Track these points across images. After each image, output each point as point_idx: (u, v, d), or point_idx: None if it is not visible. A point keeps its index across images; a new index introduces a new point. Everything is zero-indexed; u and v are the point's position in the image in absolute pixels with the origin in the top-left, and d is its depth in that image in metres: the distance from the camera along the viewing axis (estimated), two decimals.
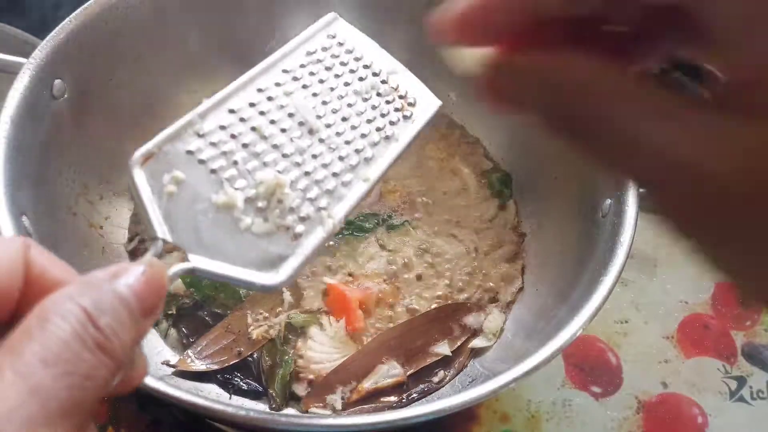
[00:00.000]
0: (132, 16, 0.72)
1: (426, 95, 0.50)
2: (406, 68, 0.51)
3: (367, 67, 0.48)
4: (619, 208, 0.60)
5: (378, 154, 0.46)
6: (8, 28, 0.89)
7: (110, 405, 0.70)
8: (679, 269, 0.86)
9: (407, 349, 0.67)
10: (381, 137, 0.47)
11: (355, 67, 0.48)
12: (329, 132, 0.45)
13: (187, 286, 0.69)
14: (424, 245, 0.75)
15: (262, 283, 0.40)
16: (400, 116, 0.48)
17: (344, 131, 0.45)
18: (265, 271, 0.40)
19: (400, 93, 0.49)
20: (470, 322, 0.70)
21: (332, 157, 0.44)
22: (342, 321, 0.68)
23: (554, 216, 0.74)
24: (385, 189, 0.79)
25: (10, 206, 0.55)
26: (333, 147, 0.45)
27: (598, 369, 0.77)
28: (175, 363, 0.64)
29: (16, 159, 0.58)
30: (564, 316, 0.56)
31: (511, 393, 0.74)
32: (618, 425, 0.73)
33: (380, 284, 0.71)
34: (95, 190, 0.72)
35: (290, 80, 0.46)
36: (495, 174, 0.82)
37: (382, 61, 0.49)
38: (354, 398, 0.64)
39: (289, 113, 0.44)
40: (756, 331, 0.81)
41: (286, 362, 0.65)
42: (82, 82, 0.67)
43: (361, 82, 0.48)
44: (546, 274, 0.72)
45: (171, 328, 0.68)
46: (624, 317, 0.81)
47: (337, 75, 0.47)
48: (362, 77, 0.48)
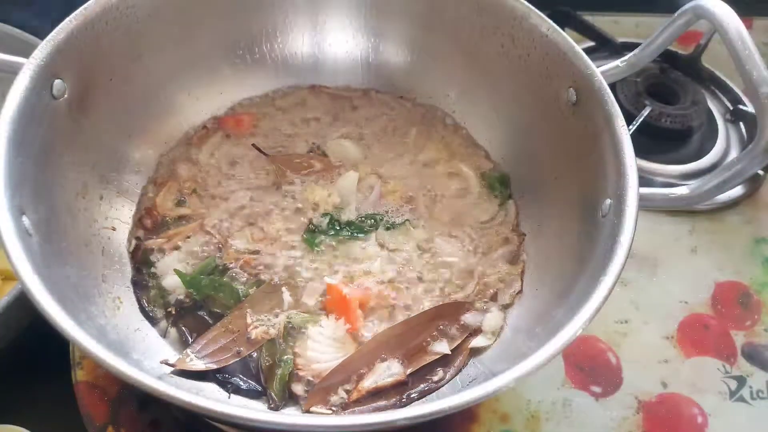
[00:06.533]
0: (132, 16, 0.72)
1: None
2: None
3: None
4: (619, 208, 0.59)
5: None
6: (8, 28, 0.89)
7: (110, 405, 0.70)
8: (679, 269, 0.86)
9: (407, 348, 0.67)
10: None
11: None
12: None
13: (187, 286, 0.70)
14: (423, 245, 0.75)
15: None
16: None
17: None
18: None
19: None
20: (469, 321, 0.70)
21: None
22: (341, 321, 0.68)
23: (554, 216, 0.74)
24: (385, 189, 0.80)
25: (10, 206, 0.55)
26: None
27: (598, 369, 0.77)
28: (174, 362, 0.64)
29: (16, 159, 0.58)
30: (564, 316, 0.56)
31: (511, 393, 0.74)
32: (618, 425, 0.73)
33: (380, 284, 0.71)
34: (95, 190, 0.72)
35: None
36: (495, 174, 0.82)
37: None
38: (354, 397, 0.64)
39: None
40: (756, 331, 0.81)
41: (285, 362, 0.65)
42: (82, 82, 0.68)
43: None
44: (546, 274, 0.72)
45: (170, 328, 0.68)
46: (624, 317, 0.81)
47: None
48: None
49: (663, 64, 1.06)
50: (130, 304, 0.69)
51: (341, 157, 0.82)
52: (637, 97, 1.00)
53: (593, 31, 1.12)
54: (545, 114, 0.74)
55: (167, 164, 0.80)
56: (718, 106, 1.06)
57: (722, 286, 0.85)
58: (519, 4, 0.74)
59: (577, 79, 0.69)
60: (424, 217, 0.78)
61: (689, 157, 0.98)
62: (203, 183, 0.79)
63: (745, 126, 1.04)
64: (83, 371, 0.72)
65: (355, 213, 0.77)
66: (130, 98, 0.75)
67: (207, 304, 0.69)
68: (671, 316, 0.82)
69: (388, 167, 0.82)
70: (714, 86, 1.09)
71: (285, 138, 0.84)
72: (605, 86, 0.66)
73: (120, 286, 0.70)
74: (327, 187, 0.79)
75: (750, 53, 0.63)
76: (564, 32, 0.71)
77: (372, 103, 0.89)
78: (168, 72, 0.79)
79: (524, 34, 0.75)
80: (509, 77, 0.78)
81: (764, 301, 0.84)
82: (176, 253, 0.73)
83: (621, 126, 0.63)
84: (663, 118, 0.98)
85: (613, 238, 0.57)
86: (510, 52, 0.77)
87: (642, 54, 0.77)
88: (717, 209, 0.92)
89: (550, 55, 0.72)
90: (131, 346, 0.64)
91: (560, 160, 0.73)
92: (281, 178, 0.79)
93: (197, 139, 0.83)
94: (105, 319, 0.64)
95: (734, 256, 0.88)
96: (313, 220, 0.76)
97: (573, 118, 0.70)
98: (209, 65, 0.84)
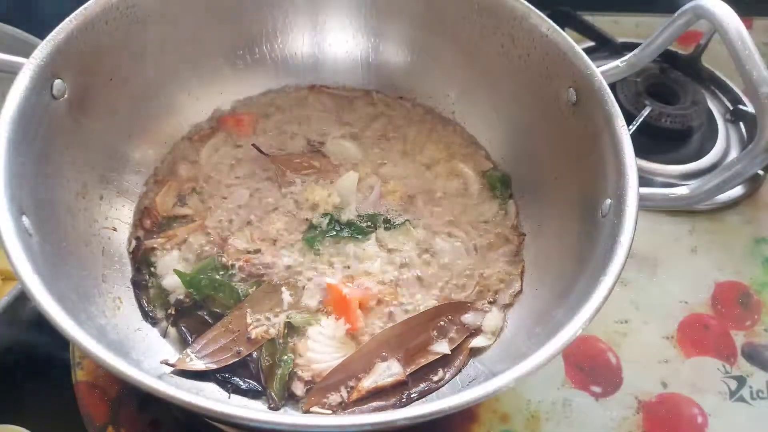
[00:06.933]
0: (132, 16, 0.72)
1: None
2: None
3: None
4: (619, 208, 0.59)
5: None
6: (8, 28, 0.89)
7: (110, 405, 0.70)
8: (679, 269, 0.86)
9: (407, 348, 0.67)
10: None
11: None
12: None
13: (187, 286, 0.70)
14: (423, 245, 0.75)
15: None
16: None
17: None
18: None
19: None
20: (469, 321, 0.70)
21: None
22: (341, 321, 0.68)
23: (554, 216, 0.74)
24: (385, 189, 0.80)
25: (10, 206, 0.55)
26: None
27: (598, 369, 0.77)
28: (174, 362, 0.64)
29: (16, 159, 0.58)
30: (564, 316, 0.56)
31: (511, 393, 0.74)
32: (618, 425, 0.73)
33: (380, 284, 0.71)
34: (95, 190, 0.72)
35: None
36: (497, 174, 0.82)
37: None
38: (354, 397, 0.64)
39: None
40: (756, 331, 0.81)
41: (285, 362, 0.65)
42: (82, 82, 0.68)
43: None
44: (546, 274, 0.72)
45: (170, 327, 0.68)
46: (624, 317, 0.81)
47: None
48: None
49: (663, 64, 1.06)
50: (130, 304, 0.69)
51: (341, 157, 0.82)
52: (637, 97, 1.00)
53: (593, 31, 1.12)
54: (545, 114, 0.74)
55: (167, 164, 0.80)
56: (718, 106, 1.06)
57: (722, 286, 0.85)
58: (519, 4, 0.74)
59: (577, 79, 0.69)
60: (424, 217, 0.78)
61: (689, 157, 0.98)
62: (203, 183, 0.79)
63: (745, 126, 1.04)
64: (83, 371, 0.72)
65: (355, 213, 0.77)
66: (130, 98, 0.75)
67: (207, 304, 0.69)
68: (671, 316, 0.82)
69: (388, 167, 0.82)
70: (714, 86, 1.09)
71: (285, 138, 0.84)
72: (605, 86, 0.66)
73: (120, 286, 0.70)
74: (327, 187, 0.79)
75: (750, 53, 0.63)
76: (564, 32, 0.71)
77: (372, 103, 0.89)
78: (168, 72, 0.79)
79: (524, 34, 0.75)
80: (509, 77, 0.78)
81: (764, 301, 0.84)
82: (176, 253, 0.73)
83: (621, 126, 0.63)
84: (663, 118, 0.98)
85: (613, 238, 0.57)
86: (510, 52, 0.77)
87: (642, 54, 0.77)
88: (717, 209, 0.92)
89: (550, 55, 0.72)
90: (131, 346, 0.64)
91: (560, 160, 0.73)
92: (281, 178, 0.79)
93: (197, 139, 0.83)
94: (105, 319, 0.64)
95: (734, 256, 0.88)
96: (313, 220, 0.76)
97: (573, 118, 0.70)
98: (209, 65, 0.84)
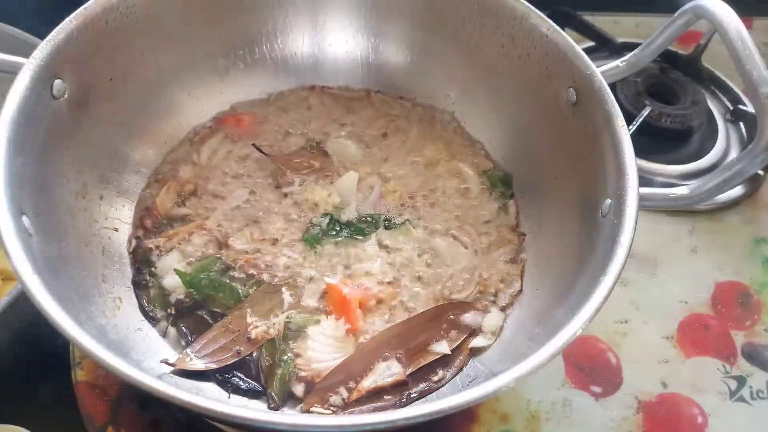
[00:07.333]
0: (132, 16, 0.72)
1: None
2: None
3: None
4: (619, 208, 0.59)
5: None
6: (8, 28, 0.89)
7: (110, 405, 0.70)
8: (679, 269, 0.86)
9: (407, 348, 0.67)
10: None
11: None
12: None
13: (187, 286, 0.70)
14: (423, 245, 0.75)
15: None
16: None
17: None
18: None
19: None
20: (469, 321, 0.70)
21: None
22: (341, 321, 0.68)
23: (554, 216, 0.74)
24: (385, 189, 0.80)
25: (10, 206, 0.55)
26: None
27: (598, 369, 0.77)
28: (174, 362, 0.64)
29: (16, 159, 0.58)
30: (564, 316, 0.56)
31: (511, 393, 0.74)
32: (618, 425, 0.73)
33: (380, 284, 0.71)
34: (95, 190, 0.72)
35: None
36: (498, 174, 0.82)
37: None
38: (354, 397, 0.64)
39: None
40: (756, 331, 0.81)
41: (285, 362, 0.65)
42: (82, 82, 0.68)
43: None
44: (546, 274, 0.72)
45: (170, 327, 0.68)
46: (624, 317, 0.81)
47: None
48: None
49: (663, 64, 1.06)
50: (130, 304, 0.69)
51: (341, 157, 0.82)
52: (637, 97, 1.00)
53: (593, 31, 1.12)
54: (545, 114, 0.74)
55: (167, 164, 0.80)
56: (718, 106, 1.06)
57: (722, 286, 0.85)
58: (519, 4, 0.74)
59: (577, 79, 0.69)
60: (424, 217, 0.78)
61: (689, 157, 0.98)
62: (203, 183, 0.79)
63: (745, 126, 1.04)
64: (83, 371, 0.72)
65: (355, 213, 0.77)
66: (130, 98, 0.75)
67: (207, 304, 0.69)
68: (671, 316, 0.82)
69: (388, 167, 0.82)
70: (714, 86, 1.09)
71: (285, 138, 0.84)
72: (605, 86, 0.66)
73: (120, 286, 0.70)
74: (327, 187, 0.79)
75: (750, 53, 0.63)
76: (564, 32, 0.71)
77: (372, 103, 0.89)
78: (168, 72, 0.79)
79: (524, 34, 0.75)
80: (509, 77, 0.78)
81: (764, 301, 0.84)
82: (176, 253, 0.73)
83: (621, 126, 0.63)
84: (663, 118, 0.98)
85: (613, 238, 0.57)
86: (510, 52, 0.77)
87: (642, 54, 0.77)
88: (717, 209, 0.92)
89: (550, 55, 0.72)
90: (131, 346, 0.64)
91: (560, 160, 0.73)
92: (281, 178, 0.79)
93: (197, 139, 0.83)
94: (105, 319, 0.64)
95: (734, 256, 0.88)
96: (313, 220, 0.76)
97: (573, 118, 0.70)
98: (209, 65, 0.84)
